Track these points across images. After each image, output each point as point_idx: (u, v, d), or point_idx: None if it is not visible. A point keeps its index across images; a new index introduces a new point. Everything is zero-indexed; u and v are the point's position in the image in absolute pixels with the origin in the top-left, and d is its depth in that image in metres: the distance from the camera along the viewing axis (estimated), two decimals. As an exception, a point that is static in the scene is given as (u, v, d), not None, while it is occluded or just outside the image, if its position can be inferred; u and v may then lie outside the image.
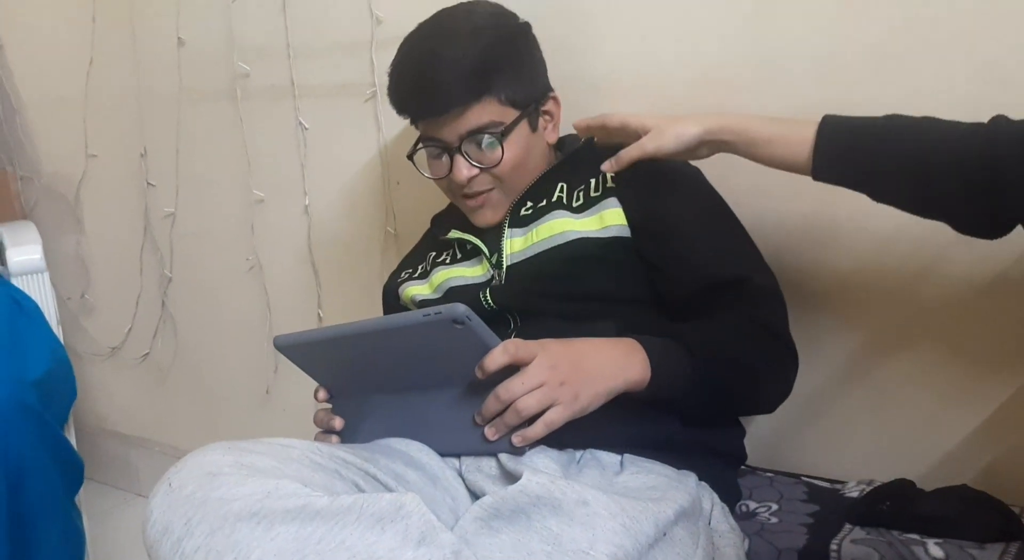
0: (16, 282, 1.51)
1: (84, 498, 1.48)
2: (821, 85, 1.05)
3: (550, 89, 1.11)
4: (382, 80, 1.09)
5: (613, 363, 0.86)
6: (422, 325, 0.80)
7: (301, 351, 0.93)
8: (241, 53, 1.62)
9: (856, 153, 0.83)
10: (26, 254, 1.52)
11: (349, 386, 0.96)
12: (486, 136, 1.02)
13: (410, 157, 1.11)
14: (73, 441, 1.49)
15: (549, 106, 1.10)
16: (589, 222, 1.01)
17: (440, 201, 1.22)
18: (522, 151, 1.05)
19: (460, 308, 0.78)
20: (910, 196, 0.83)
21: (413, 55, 1.06)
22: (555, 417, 0.82)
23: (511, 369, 0.83)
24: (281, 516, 0.63)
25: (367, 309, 1.57)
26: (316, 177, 1.61)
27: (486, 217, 1.09)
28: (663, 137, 0.95)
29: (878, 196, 0.85)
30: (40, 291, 1.51)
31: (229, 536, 0.63)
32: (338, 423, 0.97)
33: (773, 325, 0.95)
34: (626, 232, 0.99)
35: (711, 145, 0.95)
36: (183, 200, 1.84)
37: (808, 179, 0.87)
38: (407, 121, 1.10)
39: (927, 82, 0.99)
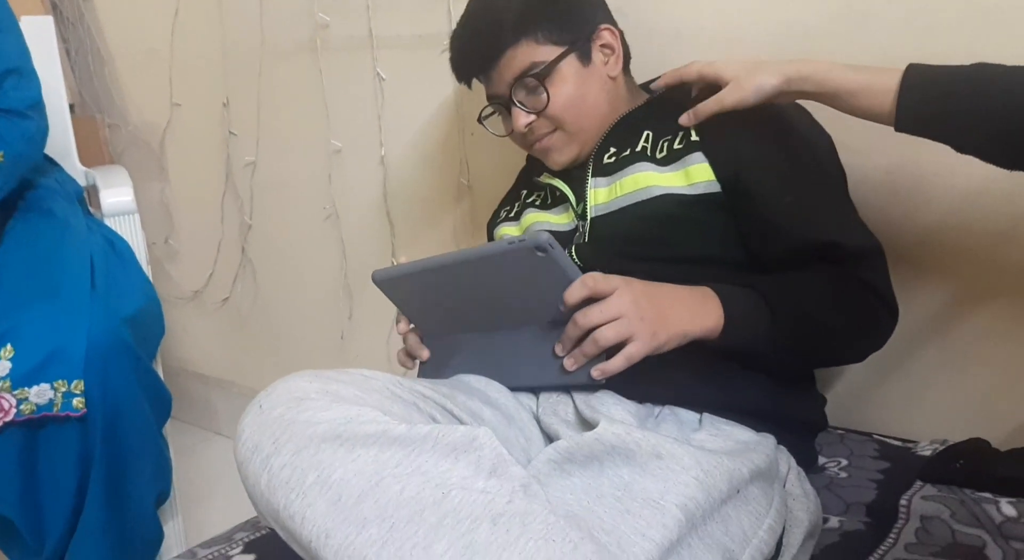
0: (108, 223, 1.57)
1: (168, 435, 1.55)
2: (911, 36, 1.02)
3: (604, 22, 1.07)
4: (460, 30, 1.12)
5: (689, 308, 0.86)
6: (507, 253, 0.82)
7: (396, 285, 0.96)
8: (321, 4, 1.64)
9: (940, 103, 0.81)
10: (118, 196, 1.58)
11: (438, 323, 0.98)
12: (529, 79, 1.02)
13: (481, 121, 1.13)
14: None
15: (605, 39, 1.07)
16: (675, 177, 0.99)
17: (512, 154, 1.22)
18: (574, 88, 1.03)
19: (543, 236, 0.79)
20: (996, 148, 0.80)
21: (463, 18, 1.10)
22: (634, 351, 0.82)
23: (594, 301, 0.83)
24: (362, 440, 0.66)
25: (440, 258, 1.60)
26: (392, 128, 1.63)
27: (554, 159, 1.08)
28: (742, 90, 0.93)
29: (963, 148, 0.82)
30: (131, 232, 1.57)
31: (313, 455, 0.66)
32: (425, 354, 0.99)
33: (868, 281, 0.92)
34: (715, 187, 0.96)
35: (791, 95, 0.93)
36: (263, 149, 1.88)
37: (890, 133, 0.85)
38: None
39: (1022, 32, 0.95)
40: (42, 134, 1.44)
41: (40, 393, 1.21)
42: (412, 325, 1.01)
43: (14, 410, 1.21)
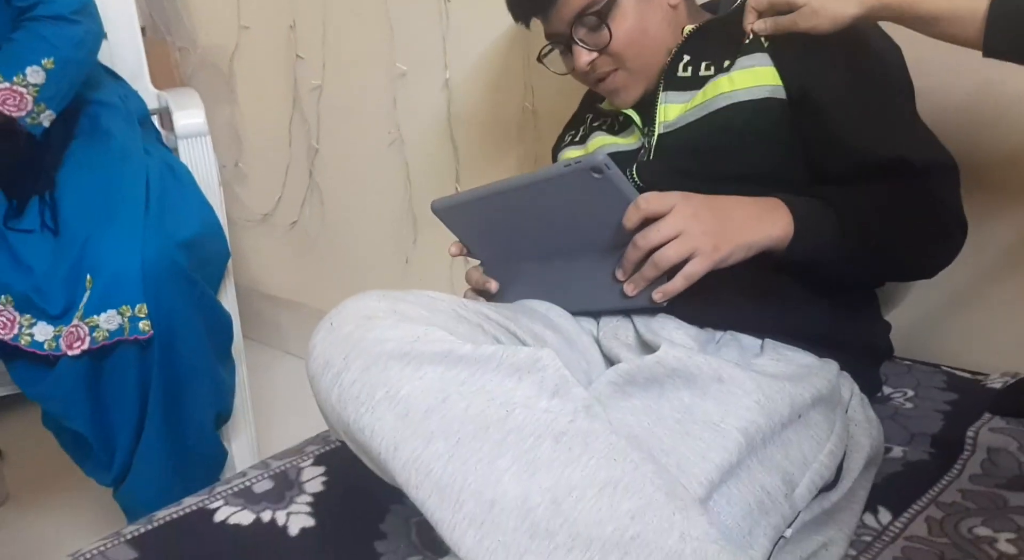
0: (181, 144, 1.59)
1: (238, 354, 1.59)
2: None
3: None
4: (527, -52, 1.09)
5: (756, 218, 0.84)
6: (564, 175, 0.81)
7: (455, 214, 0.96)
8: (387, -78, 1.62)
9: None
10: (191, 118, 1.59)
11: (498, 251, 0.99)
12: (590, 17, 0.99)
13: (540, 60, 1.10)
14: (233, 301, 1.59)
15: None
16: (740, 77, 0.95)
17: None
18: (636, 23, 1.00)
19: (599, 156, 0.78)
20: None
21: None
22: (695, 269, 0.80)
23: (652, 223, 0.81)
24: (429, 358, 0.67)
25: (504, 183, 1.60)
26: (457, 51, 1.62)
27: (622, 99, 1.06)
28: (818, 17, 0.88)
29: None
30: (203, 154, 1.59)
31: (382, 372, 0.67)
32: (494, 286, 0.99)
33: (937, 194, 0.89)
34: (781, 93, 0.93)
35: (868, 22, 0.89)
36: (329, 73, 1.89)
37: (973, 55, 0.81)
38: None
39: None
40: (93, 37, 1.43)
41: (109, 319, 1.25)
42: (460, 252, 1.01)
43: (88, 338, 1.25)
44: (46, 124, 1.36)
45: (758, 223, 0.84)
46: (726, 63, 0.98)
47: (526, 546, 0.59)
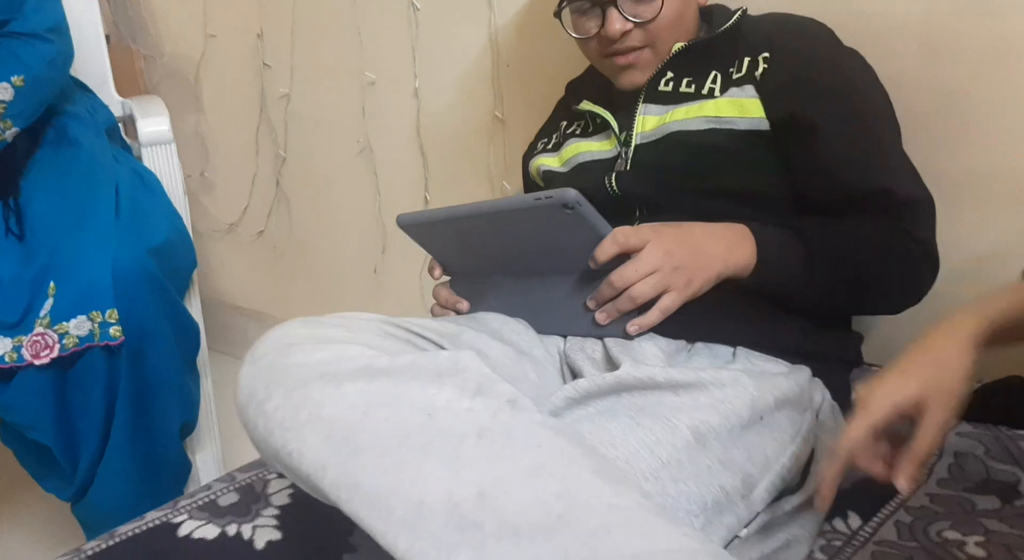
0: (145, 153, 1.57)
1: (204, 365, 1.57)
2: None
3: None
4: (496, -43, 1.08)
5: (724, 249, 0.86)
6: (533, 209, 0.81)
7: (420, 230, 0.95)
8: (355, -70, 1.61)
9: None
10: (155, 126, 1.58)
11: (466, 265, 0.98)
12: None
13: (557, 15, 1.06)
14: (198, 311, 1.57)
15: None
16: (727, 105, 0.96)
17: (548, 87, 1.20)
18: (680, 5, 1.00)
19: (571, 193, 0.77)
20: None
21: None
22: (670, 303, 0.83)
23: (625, 256, 0.83)
24: (349, 375, 0.67)
25: (473, 192, 1.60)
26: (426, 59, 1.62)
27: (633, 78, 1.03)
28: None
29: None
30: (168, 163, 1.57)
31: (304, 395, 0.68)
32: (465, 306, 0.99)
33: (914, 232, 0.91)
34: (764, 125, 0.94)
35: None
36: (297, 81, 1.87)
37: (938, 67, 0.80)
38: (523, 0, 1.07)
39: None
40: (64, 57, 1.42)
41: (79, 325, 1.24)
42: (443, 277, 1.01)
43: (58, 346, 1.23)
44: (9, 139, 1.35)
45: (726, 253, 0.86)
46: (710, 87, 0.98)
47: (457, 539, 0.58)
